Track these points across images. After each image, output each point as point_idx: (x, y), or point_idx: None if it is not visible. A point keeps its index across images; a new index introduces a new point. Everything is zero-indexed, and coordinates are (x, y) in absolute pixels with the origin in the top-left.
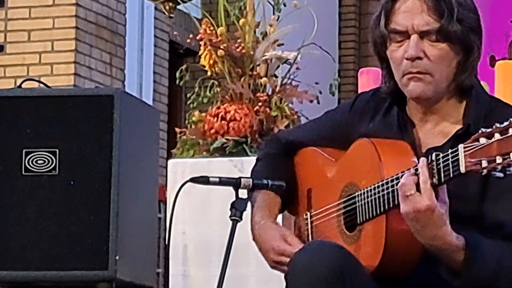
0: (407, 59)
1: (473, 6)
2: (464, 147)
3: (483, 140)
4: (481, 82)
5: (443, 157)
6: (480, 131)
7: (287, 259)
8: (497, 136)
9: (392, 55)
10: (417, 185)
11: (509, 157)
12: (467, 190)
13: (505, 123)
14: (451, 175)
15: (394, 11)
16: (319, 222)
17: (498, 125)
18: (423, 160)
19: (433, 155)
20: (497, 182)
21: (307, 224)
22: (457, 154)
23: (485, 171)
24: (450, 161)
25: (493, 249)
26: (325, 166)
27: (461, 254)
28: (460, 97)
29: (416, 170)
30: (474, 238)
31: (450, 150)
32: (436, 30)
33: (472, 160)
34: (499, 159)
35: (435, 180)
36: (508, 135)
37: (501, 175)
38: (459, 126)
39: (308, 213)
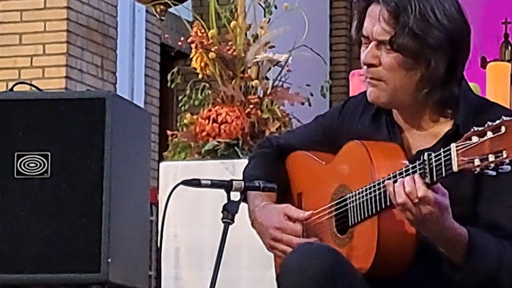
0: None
1: (445, 22)
2: (457, 146)
3: (475, 139)
4: (472, 84)
5: (435, 156)
6: (472, 130)
7: (288, 237)
8: (489, 134)
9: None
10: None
11: (502, 155)
12: (460, 192)
13: (497, 121)
14: (444, 174)
15: (366, 14)
16: (310, 225)
17: (490, 123)
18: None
19: (425, 154)
20: (491, 183)
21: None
22: (450, 153)
23: (477, 169)
24: (442, 160)
25: (494, 243)
26: (316, 169)
27: (463, 245)
28: (441, 108)
29: (403, 173)
30: (475, 231)
31: (442, 149)
32: (388, 40)
33: (465, 158)
34: (491, 157)
35: (427, 180)
36: (500, 133)
37: (494, 173)
38: (449, 127)
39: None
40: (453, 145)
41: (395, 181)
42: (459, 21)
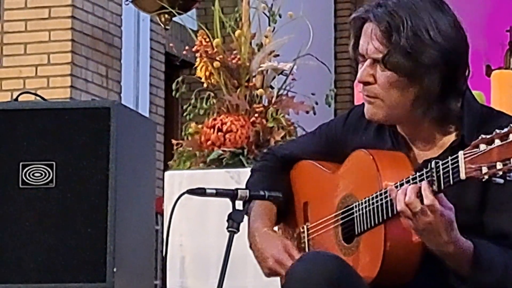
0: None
1: (439, 40)
2: (464, 154)
3: (483, 146)
4: (477, 92)
5: (443, 164)
6: (480, 137)
7: (283, 272)
8: (497, 142)
9: None
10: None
11: (510, 163)
12: (466, 200)
13: (505, 129)
14: (451, 182)
15: (362, 32)
16: (316, 234)
17: (498, 131)
18: (424, 183)
19: (433, 162)
20: (497, 192)
21: (304, 237)
22: (457, 161)
23: (485, 177)
24: (450, 168)
25: (500, 255)
26: (321, 178)
27: (469, 259)
28: (441, 125)
29: (410, 181)
30: (481, 243)
31: (450, 157)
32: (381, 58)
33: (473, 166)
34: (499, 165)
35: (434, 187)
36: (508, 140)
37: (501, 181)
38: (453, 138)
39: (305, 226)
40: (460, 153)
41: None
42: (455, 39)
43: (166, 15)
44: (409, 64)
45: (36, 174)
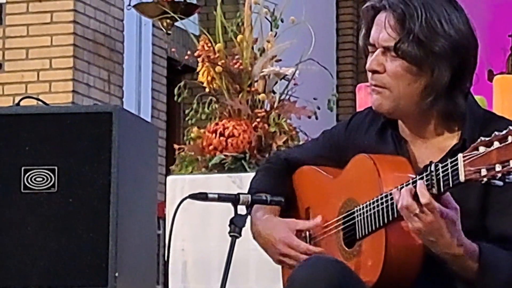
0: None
1: (452, 32)
2: (464, 156)
3: (482, 149)
4: (479, 97)
5: (442, 167)
6: (479, 140)
7: (296, 253)
8: (496, 144)
9: None
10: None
11: (509, 165)
12: (468, 205)
13: (504, 131)
14: (451, 185)
15: (373, 23)
16: (318, 239)
17: (497, 133)
18: (420, 183)
19: (432, 165)
20: (499, 196)
21: (306, 242)
22: (457, 164)
23: (484, 179)
24: (449, 171)
25: (506, 258)
26: (323, 183)
27: (475, 261)
28: (446, 121)
29: (410, 184)
30: (486, 246)
31: (449, 160)
32: (393, 46)
33: (472, 168)
34: (498, 167)
35: (434, 191)
36: (507, 143)
37: (501, 183)
38: (455, 141)
39: (307, 232)
40: (460, 155)
41: None
42: (466, 34)
43: (168, 20)
44: (420, 52)
45: (38, 179)
